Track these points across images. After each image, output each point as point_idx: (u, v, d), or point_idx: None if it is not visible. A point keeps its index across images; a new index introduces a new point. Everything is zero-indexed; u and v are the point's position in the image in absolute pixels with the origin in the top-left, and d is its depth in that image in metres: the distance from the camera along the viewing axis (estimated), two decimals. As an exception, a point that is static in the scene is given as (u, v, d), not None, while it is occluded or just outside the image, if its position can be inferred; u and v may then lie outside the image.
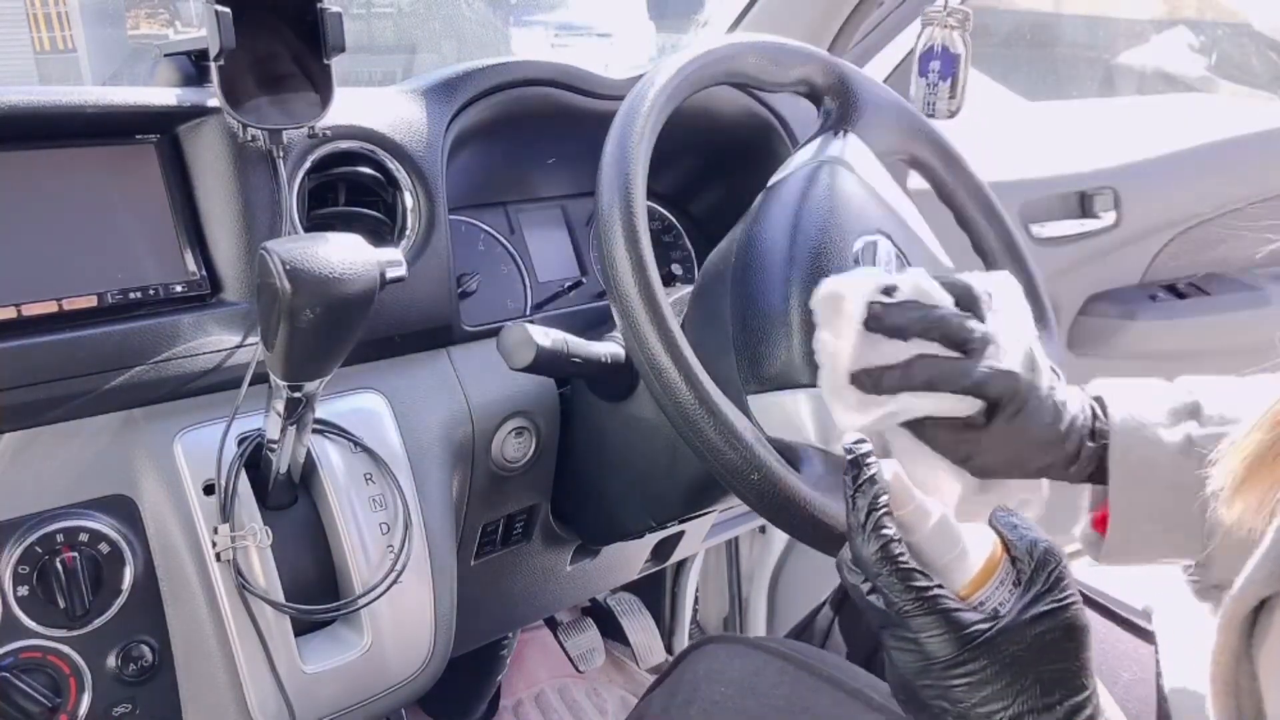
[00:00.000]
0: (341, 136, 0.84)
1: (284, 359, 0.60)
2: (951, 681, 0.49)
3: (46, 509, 0.70)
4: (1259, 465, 0.53)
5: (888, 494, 0.52)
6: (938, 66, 1.07)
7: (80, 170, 0.74)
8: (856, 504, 0.52)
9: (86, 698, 0.70)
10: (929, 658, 0.50)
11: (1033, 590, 0.51)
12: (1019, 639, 0.49)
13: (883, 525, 0.51)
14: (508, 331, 0.80)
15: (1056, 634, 0.50)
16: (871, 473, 0.53)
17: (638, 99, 0.71)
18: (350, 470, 0.80)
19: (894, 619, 0.50)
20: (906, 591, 0.50)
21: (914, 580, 0.50)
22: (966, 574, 0.52)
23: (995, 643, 0.49)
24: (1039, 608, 0.50)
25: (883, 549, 0.51)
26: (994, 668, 0.49)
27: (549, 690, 1.56)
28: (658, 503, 0.92)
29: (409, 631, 0.82)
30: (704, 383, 0.64)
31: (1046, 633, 0.50)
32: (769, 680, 0.78)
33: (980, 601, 0.51)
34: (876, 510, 0.52)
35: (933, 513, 0.52)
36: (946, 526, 0.52)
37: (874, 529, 0.51)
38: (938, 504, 0.53)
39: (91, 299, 0.73)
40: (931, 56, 1.07)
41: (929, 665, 0.50)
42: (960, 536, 0.52)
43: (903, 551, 0.51)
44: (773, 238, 0.75)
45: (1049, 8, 4.27)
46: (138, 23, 2.40)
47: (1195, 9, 4.25)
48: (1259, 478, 0.53)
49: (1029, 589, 0.51)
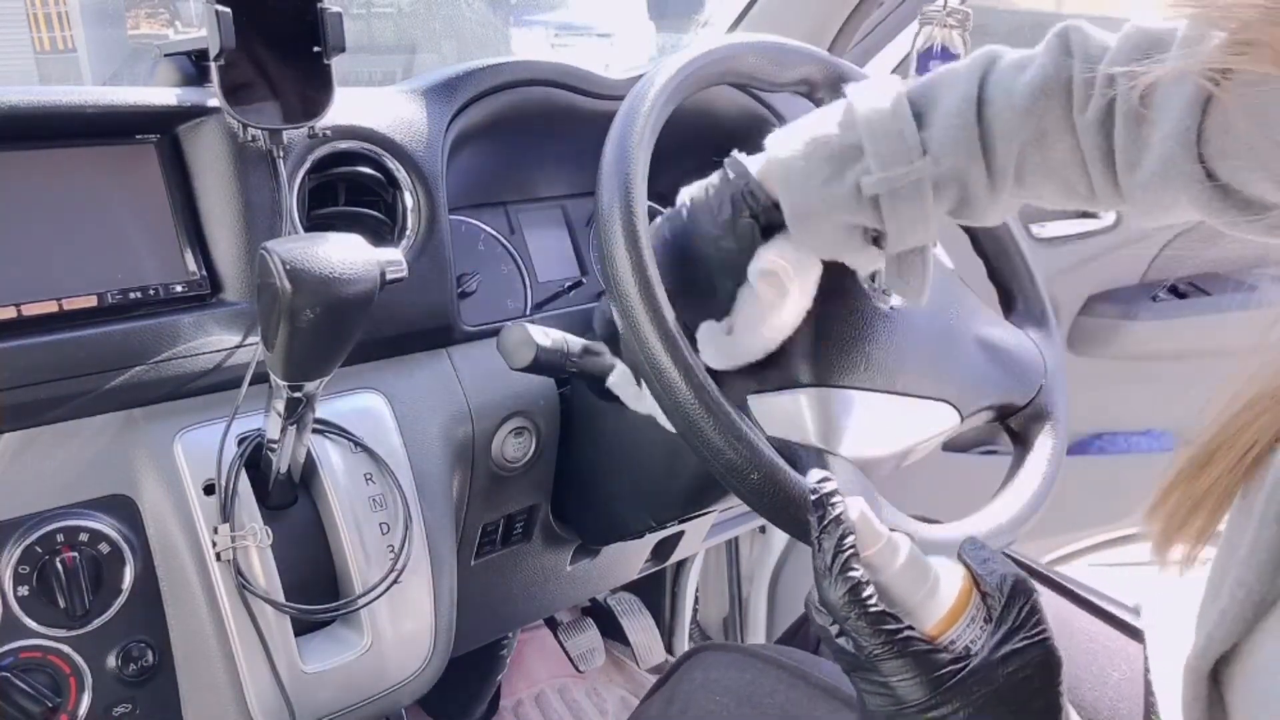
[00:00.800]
0: (341, 136, 0.84)
1: (284, 359, 0.60)
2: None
3: (46, 509, 0.70)
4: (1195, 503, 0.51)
5: (854, 534, 0.51)
6: (938, 66, 1.06)
7: (80, 170, 0.74)
8: (822, 546, 0.51)
9: (86, 697, 0.70)
10: (901, 702, 0.49)
11: (1004, 627, 0.50)
12: (991, 679, 0.49)
13: (850, 568, 0.50)
14: (508, 331, 0.80)
15: (1029, 671, 0.49)
16: (837, 513, 0.52)
17: (638, 99, 0.71)
18: (350, 470, 0.80)
19: (864, 663, 0.50)
20: (876, 635, 0.49)
21: (884, 624, 0.49)
22: (937, 612, 0.51)
23: (968, 684, 0.48)
24: (1011, 645, 0.50)
25: (850, 592, 0.50)
26: (967, 710, 0.48)
27: (549, 690, 1.56)
28: (658, 503, 0.92)
29: (409, 631, 0.82)
30: (704, 383, 0.64)
31: (1019, 671, 0.49)
32: (765, 689, 0.78)
33: (952, 640, 0.50)
34: (843, 552, 0.51)
35: (901, 551, 0.52)
36: (915, 564, 0.52)
37: (841, 572, 0.50)
38: (906, 540, 0.52)
39: (91, 299, 0.73)
40: (931, 56, 1.07)
41: (902, 709, 0.49)
42: (929, 572, 0.52)
43: (871, 594, 0.50)
44: (773, 238, 0.75)
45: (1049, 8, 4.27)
46: (138, 23, 2.40)
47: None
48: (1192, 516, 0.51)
49: (1000, 625, 0.50)
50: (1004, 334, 0.84)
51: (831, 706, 0.75)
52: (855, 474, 0.70)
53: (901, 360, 0.75)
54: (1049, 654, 0.50)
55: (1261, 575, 0.48)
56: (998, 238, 0.91)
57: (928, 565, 0.52)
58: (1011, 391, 0.82)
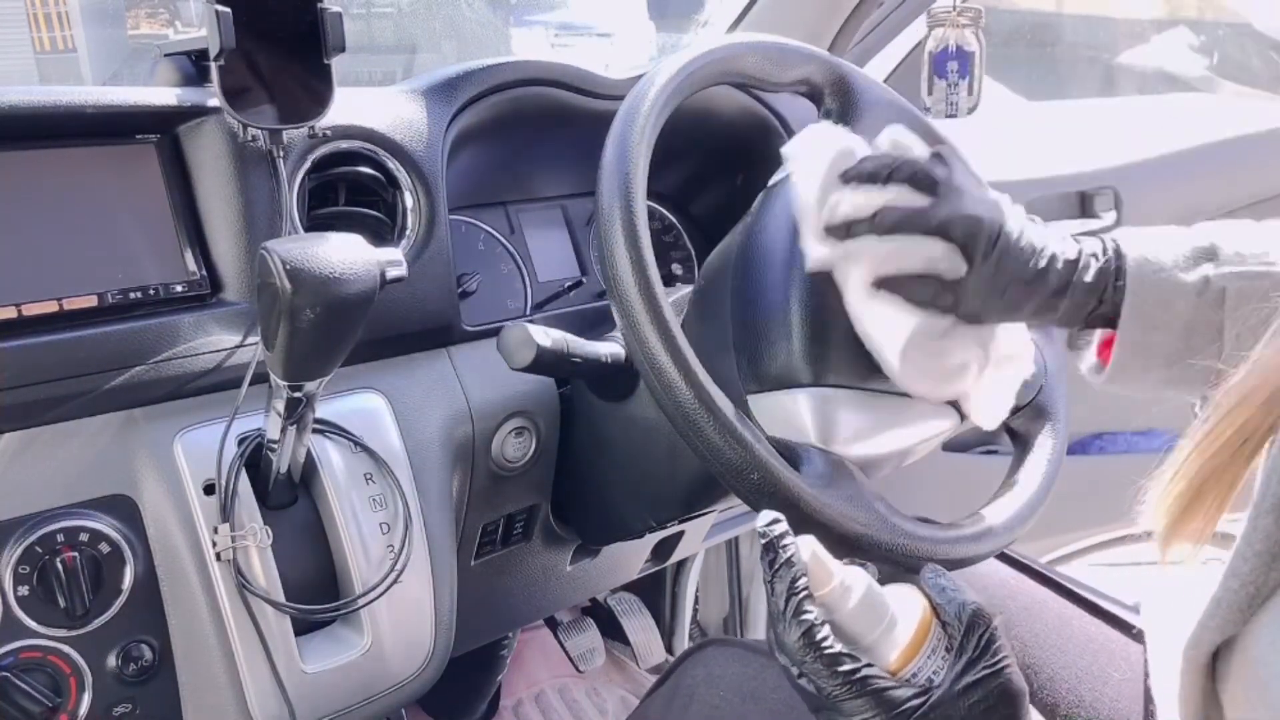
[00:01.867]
0: (341, 136, 0.84)
1: (284, 359, 0.60)
2: None
3: (46, 509, 0.70)
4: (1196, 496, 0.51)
5: (806, 575, 0.52)
6: (955, 66, 1.07)
7: (80, 170, 0.74)
8: (775, 589, 0.52)
9: (86, 697, 0.70)
10: None
11: (964, 657, 0.51)
12: (953, 712, 0.49)
13: (803, 610, 0.50)
14: (508, 331, 0.80)
15: (991, 701, 0.50)
16: (789, 555, 0.52)
17: (638, 99, 0.71)
18: (350, 470, 0.80)
19: (826, 703, 0.50)
20: (834, 677, 0.49)
21: (840, 665, 0.49)
22: (896, 646, 0.51)
23: (930, 718, 0.49)
24: (971, 676, 0.50)
25: (805, 635, 0.50)
26: None
27: (549, 690, 1.56)
28: (658, 503, 0.92)
29: (409, 631, 0.82)
30: (704, 383, 0.64)
31: (980, 701, 0.50)
32: (768, 684, 0.78)
33: (913, 673, 0.51)
34: (796, 595, 0.51)
35: (855, 589, 0.52)
36: (871, 601, 0.52)
37: (794, 615, 0.51)
38: (861, 574, 0.53)
39: (92, 299, 0.73)
40: (948, 56, 1.07)
41: None
42: (887, 608, 0.52)
43: (826, 635, 0.50)
44: (773, 238, 0.75)
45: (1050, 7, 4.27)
46: (138, 23, 2.40)
47: (1196, 9, 4.25)
48: (1193, 511, 0.52)
49: (960, 655, 0.51)
50: (1004, 334, 0.84)
51: None
52: (855, 473, 0.70)
53: (901, 360, 0.75)
54: (1008, 683, 0.51)
55: (1257, 566, 0.48)
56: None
57: (884, 600, 0.52)
58: (1012, 391, 0.82)
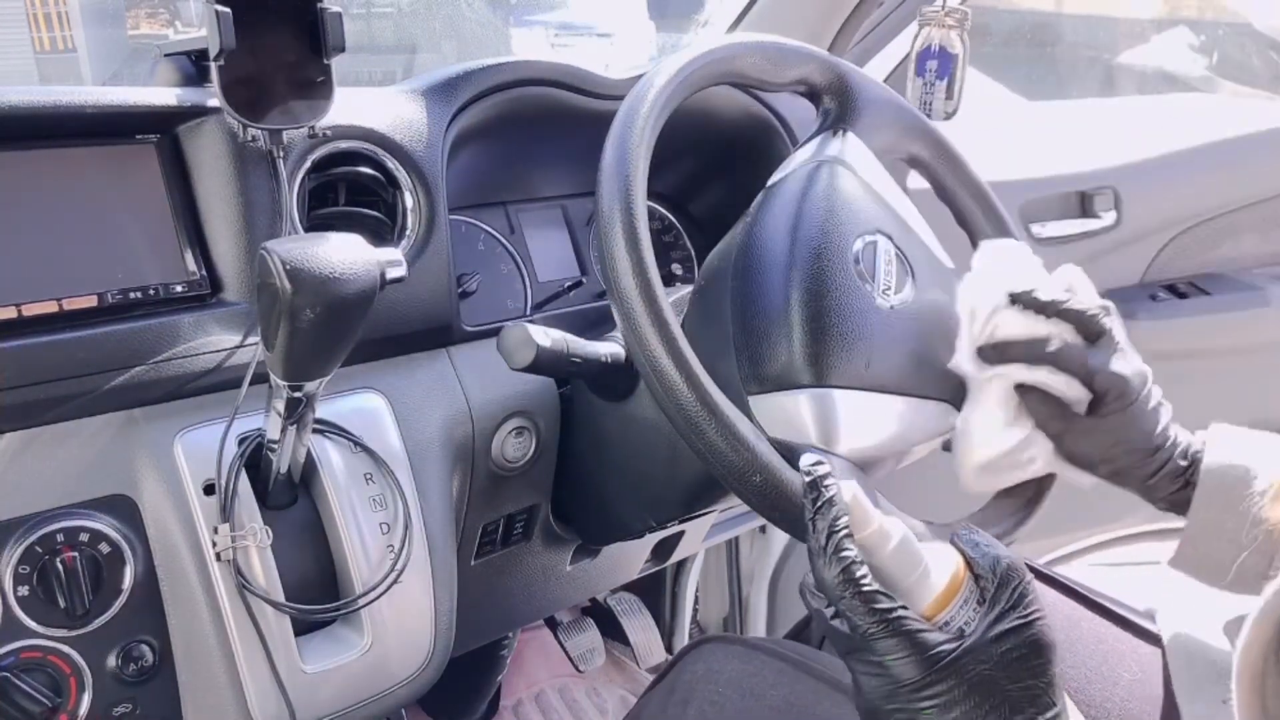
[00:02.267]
0: (341, 136, 0.84)
1: (284, 359, 0.60)
2: (920, 704, 0.49)
3: (47, 509, 0.70)
4: None
5: (847, 516, 0.52)
6: (934, 66, 1.06)
7: (80, 170, 0.74)
8: (816, 527, 0.52)
9: (86, 697, 0.70)
10: (896, 681, 0.50)
11: (997, 608, 0.51)
12: (985, 658, 0.50)
13: (843, 548, 0.51)
14: (508, 331, 0.80)
15: (1023, 650, 0.50)
16: (830, 494, 0.52)
17: (638, 99, 0.71)
18: (350, 470, 0.80)
19: (859, 643, 0.50)
20: (870, 614, 0.50)
21: (877, 602, 0.50)
22: (930, 594, 0.52)
23: (961, 663, 0.49)
24: (1004, 625, 0.50)
25: (844, 571, 0.50)
26: (962, 688, 0.49)
27: (549, 690, 1.56)
28: (658, 503, 0.92)
29: (409, 631, 0.82)
30: (705, 383, 0.64)
31: (1012, 650, 0.50)
32: (767, 681, 0.78)
33: (945, 621, 0.51)
34: (837, 533, 0.51)
35: (893, 534, 0.52)
36: (908, 547, 0.52)
37: (835, 551, 0.51)
38: (899, 524, 0.53)
39: (91, 299, 0.73)
40: (929, 56, 1.07)
41: (897, 689, 0.50)
42: (922, 556, 0.52)
43: (865, 574, 0.50)
44: (773, 237, 0.75)
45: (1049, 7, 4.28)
46: (138, 23, 2.40)
47: (1195, 9, 4.26)
48: None
49: (993, 607, 0.51)
50: (1004, 334, 0.84)
51: (834, 699, 0.75)
52: (855, 473, 0.70)
53: (902, 360, 0.75)
54: (1042, 634, 0.51)
55: None
56: (997, 237, 0.91)
57: (920, 551, 0.53)
58: (1011, 391, 0.82)
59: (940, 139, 0.91)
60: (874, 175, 0.82)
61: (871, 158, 0.83)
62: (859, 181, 0.80)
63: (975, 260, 0.77)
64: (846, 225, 0.76)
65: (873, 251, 0.77)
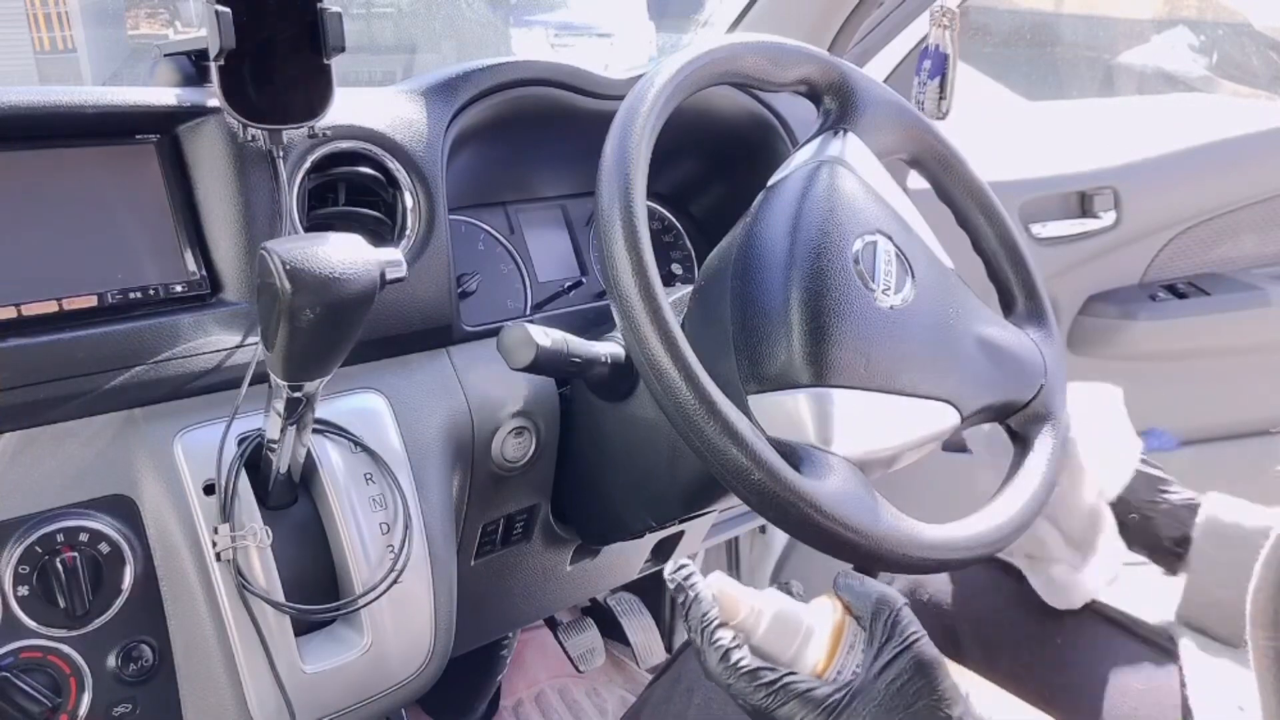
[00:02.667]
0: (341, 136, 0.84)
1: (284, 359, 0.60)
2: None
3: (46, 509, 0.70)
4: None
5: (715, 609, 0.56)
6: (928, 65, 1.07)
7: (80, 170, 0.74)
8: (690, 624, 0.56)
9: (86, 697, 0.70)
10: None
11: (876, 642, 0.55)
12: (874, 695, 0.53)
13: (717, 638, 0.55)
14: (508, 331, 0.80)
15: (907, 675, 0.54)
16: (695, 593, 0.57)
17: (638, 99, 0.71)
18: (350, 470, 0.80)
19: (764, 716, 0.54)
20: (758, 690, 0.53)
21: (761, 678, 0.53)
22: (819, 653, 0.55)
23: (854, 707, 0.53)
24: (885, 658, 0.54)
25: (723, 659, 0.55)
26: None
27: (549, 690, 1.56)
28: (658, 503, 0.92)
29: (409, 631, 0.82)
30: (704, 383, 0.64)
31: (896, 679, 0.53)
32: None
33: (837, 673, 0.55)
34: (708, 625, 0.56)
35: (766, 611, 0.56)
36: (784, 618, 0.56)
37: (710, 643, 0.55)
38: (772, 599, 0.56)
39: (91, 299, 0.73)
40: (925, 55, 1.07)
41: None
42: (802, 620, 0.56)
43: (742, 656, 0.54)
44: (773, 237, 0.75)
45: (1049, 7, 4.27)
46: (138, 23, 2.40)
47: (1195, 9, 4.26)
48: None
49: (873, 642, 0.55)
50: (1004, 334, 0.84)
51: None
52: (854, 473, 0.70)
53: (901, 360, 0.75)
54: (920, 654, 0.55)
55: None
56: (998, 237, 0.91)
57: (799, 615, 0.56)
58: (1011, 391, 0.82)
59: (941, 139, 0.91)
60: (874, 175, 0.82)
61: (872, 158, 0.83)
62: (859, 182, 0.80)
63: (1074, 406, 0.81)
64: (846, 225, 0.76)
65: (873, 251, 0.77)
